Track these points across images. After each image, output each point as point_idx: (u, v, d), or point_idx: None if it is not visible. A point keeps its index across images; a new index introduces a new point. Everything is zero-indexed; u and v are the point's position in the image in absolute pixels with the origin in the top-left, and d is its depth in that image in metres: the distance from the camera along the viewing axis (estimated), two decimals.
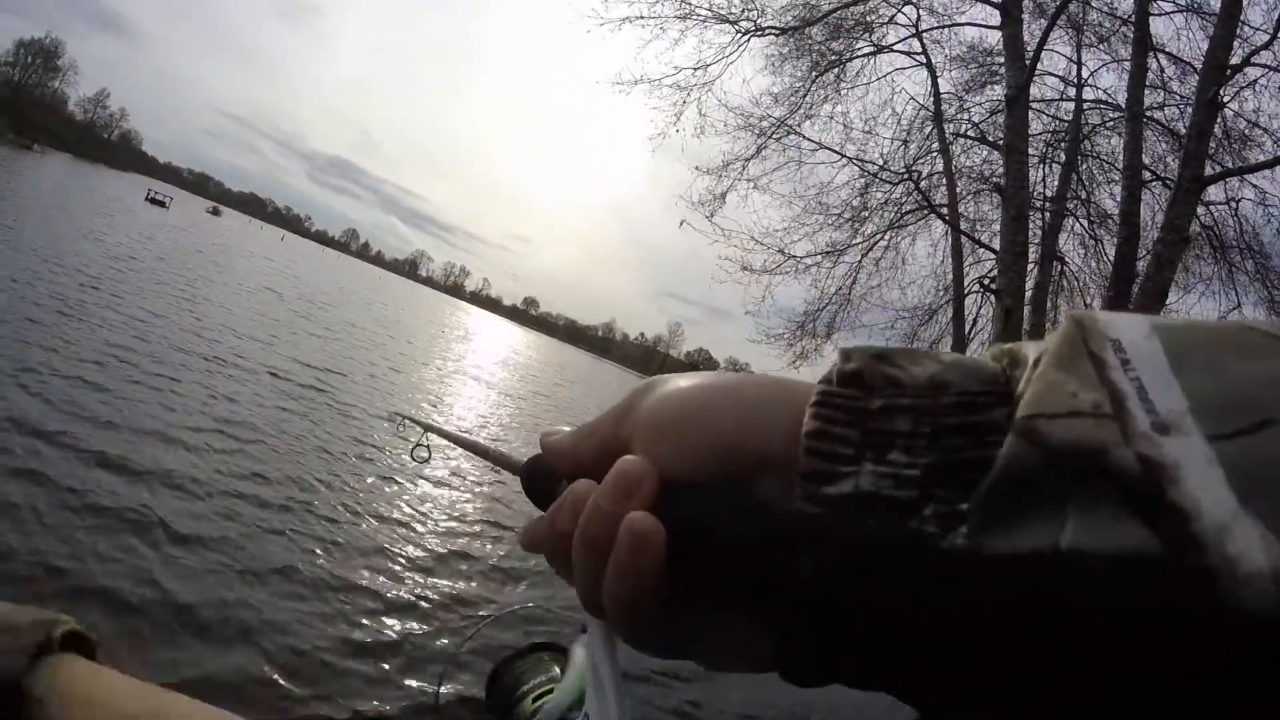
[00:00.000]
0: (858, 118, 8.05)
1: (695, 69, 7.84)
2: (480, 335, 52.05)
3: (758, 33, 7.66)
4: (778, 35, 7.77)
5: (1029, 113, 6.16)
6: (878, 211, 8.08)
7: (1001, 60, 6.53)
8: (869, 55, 8.02)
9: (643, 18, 7.60)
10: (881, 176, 7.89)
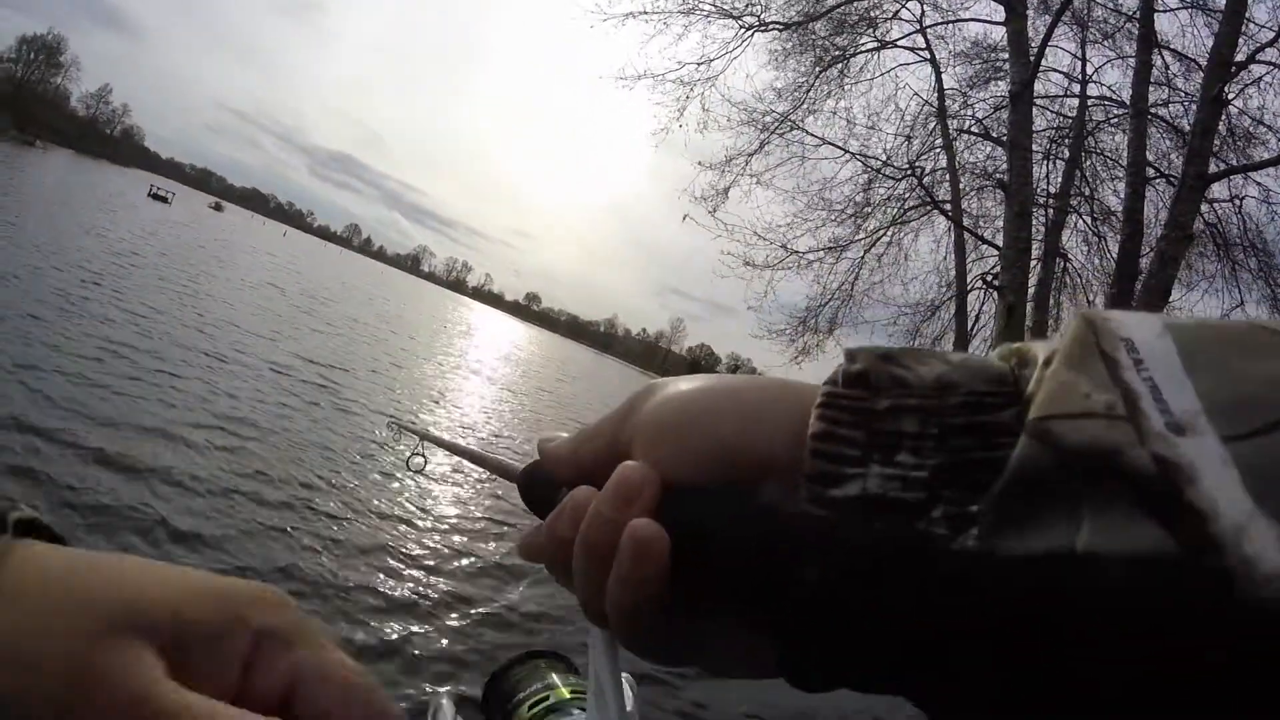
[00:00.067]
0: (861, 113, 8.04)
1: (699, 64, 7.86)
2: (482, 330, 52.06)
3: (761, 28, 7.66)
4: (781, 30, 7.77)
5: (1033, 109, 6.15)
6: (881, 207, 8.11)
7: (1006, 56, 6.52)
8: (873, 51, 8.02)
9: (646, 13, 7.61)
10: (885, 172, 7.89)
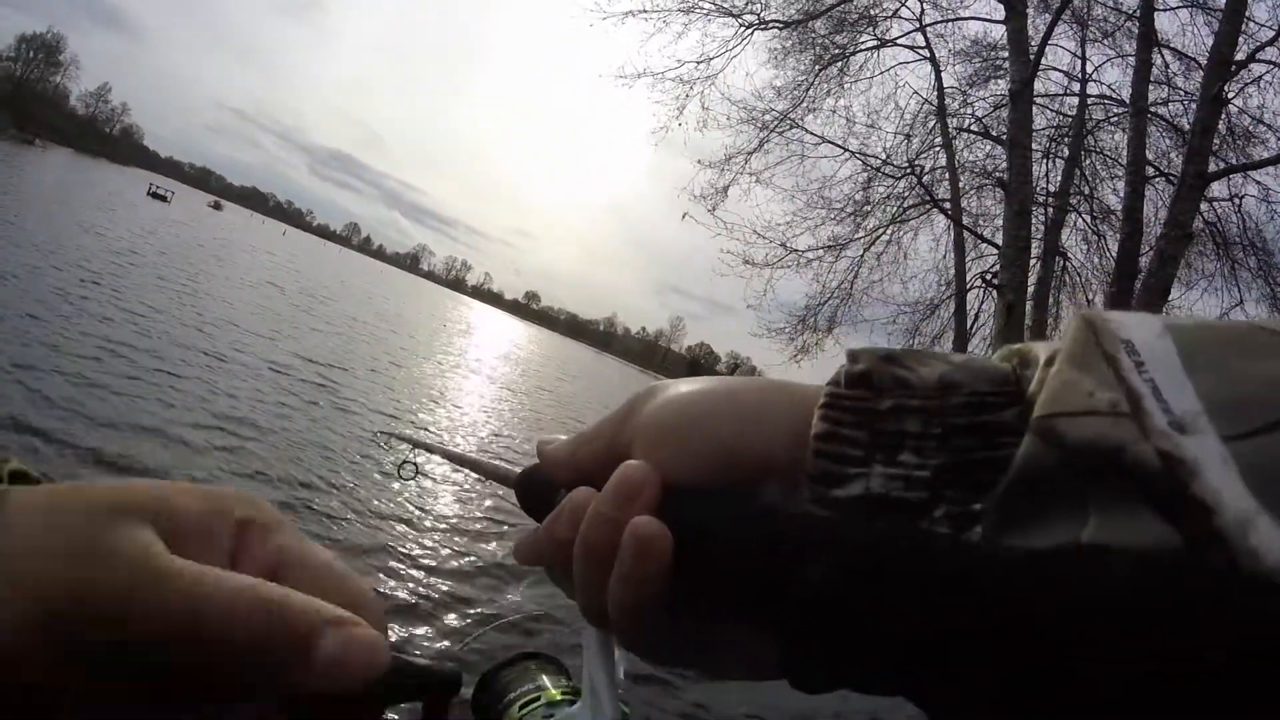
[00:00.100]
0: (860, 112, 8.05)
1: (698, 62, 7.87)
2: (482, 329, 52.04)
3: (761, 26, 7.66)
4: (781, 29, 7.77)
5: (1033, 108, 6.15)
6: (880, 206, 8.10)
7: (1005, 55, 6.52)
8: (872, 49, 8.03)
9: (646, 11, 7.62)
10: (884, 171, 7.89)
